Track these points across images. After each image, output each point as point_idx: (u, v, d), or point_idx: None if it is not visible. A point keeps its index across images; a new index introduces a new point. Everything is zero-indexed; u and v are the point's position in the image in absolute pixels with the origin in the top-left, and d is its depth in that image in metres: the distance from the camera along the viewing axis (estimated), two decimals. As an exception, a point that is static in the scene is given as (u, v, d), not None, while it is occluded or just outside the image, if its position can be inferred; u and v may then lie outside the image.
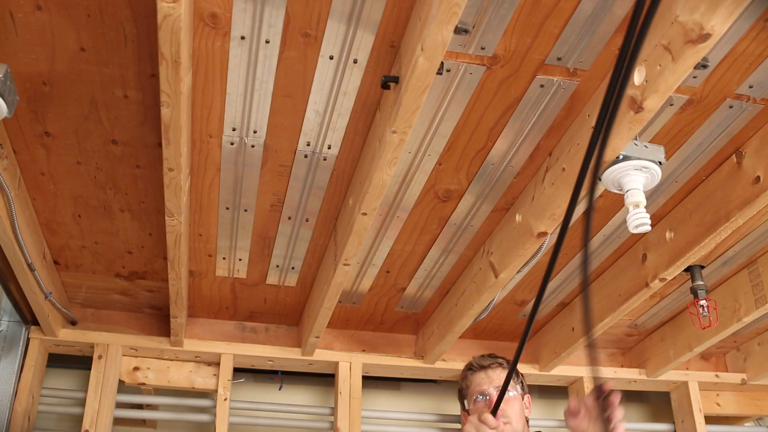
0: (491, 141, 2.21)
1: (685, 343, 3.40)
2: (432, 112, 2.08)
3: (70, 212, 2.57)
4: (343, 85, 1.98)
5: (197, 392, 3.44)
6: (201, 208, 2.52)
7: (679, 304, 3.32)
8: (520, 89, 2.01)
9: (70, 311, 3.18)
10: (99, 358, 3.21)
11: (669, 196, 2.50)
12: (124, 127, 2.14)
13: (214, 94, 2.01)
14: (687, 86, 2.00)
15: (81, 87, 2.00)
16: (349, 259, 2.50)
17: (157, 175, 2.28)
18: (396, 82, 1.82)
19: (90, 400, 3.12)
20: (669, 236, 2.57)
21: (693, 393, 3.75)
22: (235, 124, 2.13)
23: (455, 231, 2.69)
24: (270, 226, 2.65)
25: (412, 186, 2.42)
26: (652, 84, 1.67)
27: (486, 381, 2.41)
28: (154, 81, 1.94)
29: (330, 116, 2.10)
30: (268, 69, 1.93)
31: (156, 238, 2.70)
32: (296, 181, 2.40)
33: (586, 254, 2.39)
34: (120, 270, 2.96)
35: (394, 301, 3.23)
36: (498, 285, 2.68)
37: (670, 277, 2.62)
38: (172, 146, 1.93)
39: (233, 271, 2.95)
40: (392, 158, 1.98)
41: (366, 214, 2.23)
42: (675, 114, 2.10)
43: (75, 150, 2.25)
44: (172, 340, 3.23)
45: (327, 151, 2.24)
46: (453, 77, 1.95)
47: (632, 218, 1.97)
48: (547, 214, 2.23)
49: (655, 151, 2.02)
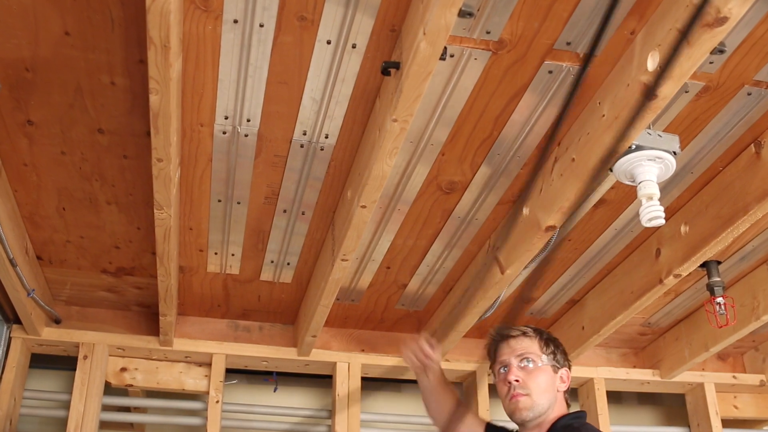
0: (497, 130, 2.22)
1: (701, 343, 3.42)
2: (435, 100, 2.09)
3: (54, 205, 2.58)
4: (341, 71, 1.99)
5: (188, 394, 3.45)
6: (192, 200, 2.53)
7: (694, 301, 3.33)
8: (527, 75, 2.01)
9: (54, 309, 3.19)
10: (84, 358, 3.22)
11: (684, 187, 2.51)
12: (110, 115, 2.15)
13: (205, 80, 2.02)
14: (703, 72, 2.00)
15: (66, 73, 2.00)
16: (348, 254, 2.51)
17: (146, 165, 2.28)
18: (397, 68, 1.83)
19: (75, 403, 3.13)
20: (684, 230, 2.58)
21: (709, 395, 3.76)
22: (227, 113, 2.14)
23: (459, 225, 2.70)
24: (264, 220, 2.66)
25: (414, 177, 2.43)
26: (667, 70, 1.68)
27: (508, 351, 2.41)
28: (143, 67, 1.95)
29: (327, 104, 2.10)
30: (262, 54, 1.94)
31: (144, 232, 2.71)
32: (292, 172, 2.40)
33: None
34: (106, 266, 2.98)
35: (395, 298, 3.24)
36: (504, 281, 2.69)
37: (685, 273, 2.63)
38: (161, 135, 1.94)
39: (225, 266, 2.96)
40: (393, 148, 1.98)
41: (365, 206, 2.24)
42: (690, 101, 2.11)
43: (59, 139, 2.26)
44: (161, 339, 3.24)
45: (324, 140, 2.25)
46: (457, 63, 1.96)
47: (645, 211, 1.98)
48: (555, 207, 2.24)
49: (669, 140, 2.02)
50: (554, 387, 2.35)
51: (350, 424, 3.35)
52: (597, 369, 3.70)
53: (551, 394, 2.36)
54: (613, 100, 1.91)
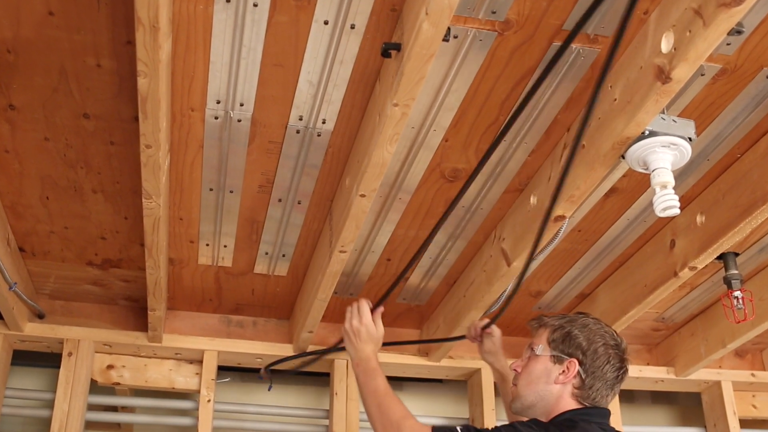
0: (503, 115, 2.23)
1: (718, 339, 3.43)
2: (437, 83, 2.10)
3: (37, 194, 2.59)
4: (339, 53, 1.99)
5: (178, 393, 3.47)
6: (182, 189, 2.54)
7: (711, 295, 3.34)
8: (534, 58, 2.02)
9: (37, 303, 3.20)
10: (69, 355, 3.23)
11: (700, 175, 2.52)
12: (96, 99, 2.16)
13: (196, 63, 2.02)
14: (720, 54, 2.01)
15: (49, 55, 2.01)
16: (346, 245, 2.52)
17: (134, 152, 2.29)
18: (398, 50, 1.83)
19: (59, 402, 3.14)
20: (700, 220, 2.59)
21: (726, 394, 3.78)
22: (219, 97, 2.15)
23: (463, 214, 2.72)
24: (258, 210, 2.67)
25: (416, 165, 2.44)
26: (681, 52, 1.69)
27: (527, 344, 2.43)
28: (130, 49, 1.95)
29: (325, 87, 2.11)
30: (256, 35, 1.94)
31: (132, 223, 2.72)
32: (287, 160, 2.41)
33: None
34: (92, 258, 2.99)
35: (396, 292, 3.25)
36: (511, 274, 2.70)
37: (701, 266, 2.64)
38: (149, 121, 1.95)
39: (217, 258, 2.98)
40: (393, 134, 1.99)
41: (364, 195, 2.25)
42: (706, 85, 2.12)
43: (42, 125, 2.27)
44: (149, 335, 3.25)
45: (321, 126, 2.26)
46: (461, 44, 1.96)
47: (659, 200, 1.98)
48: (565, 195, 2.24)
49: (684, 126, 2.03)
50: (548, 379, 2.29)
51: (349, 424, 3.36)
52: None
53: (540, 386, 2.30)
54: (626, 84, 1.91)
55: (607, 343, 2.28)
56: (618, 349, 2.30)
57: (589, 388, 2.26)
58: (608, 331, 2.32)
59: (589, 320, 2.35)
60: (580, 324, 2.32)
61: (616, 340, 2.31)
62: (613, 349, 2.28)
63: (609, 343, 2.29)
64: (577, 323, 2.32)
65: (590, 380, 2.25)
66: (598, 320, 2.36)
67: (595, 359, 2.26)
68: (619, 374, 2.28)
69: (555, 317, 2.39)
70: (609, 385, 2.27)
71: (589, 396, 2.25)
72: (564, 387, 2.27)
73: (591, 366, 2.26)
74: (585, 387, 2.26)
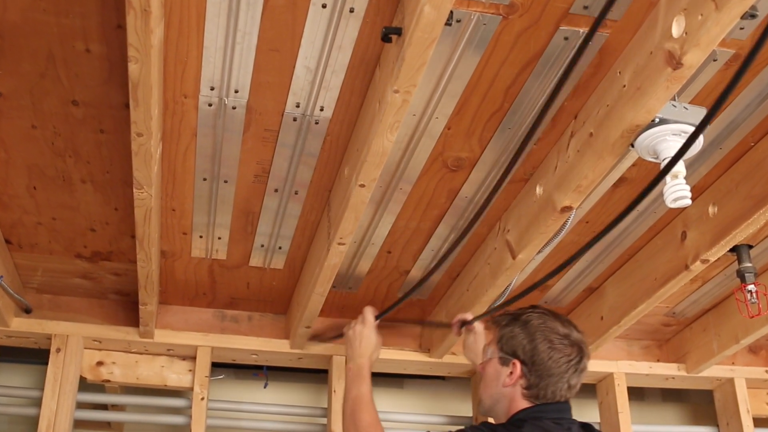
0: (508, 102, 2.23)
1: (731, 335, 3.44)
2: (440, 69, 2.10)
3: (24, 184, 2.59)
4: (337, 37, 2.00)
5: (170, 391, 3.48)
6: (174, 179, 2.54)
7: (723, 289, 3.35)
8: (541, 42, 2.03)
9: (24, 298, 3.21)
10: (57, 351, 3.23)
11: (712, 165, 2.53)
12: (86, 86, 2.16)
13: (189, 48, 2.03)
14: (733, 39, 2.01)
15: (36, 40, 2.01)
16: (345, 237, 2.53)
17: (124, 141, 2.30)
18: (398, 35, 1.84)
19: (47, 400, 3.15)
20: (712, 211, 2.59)
21: (740, 391, 3.79)
22: (213, 83, 2.15)
23: (466, 205, 2.72)
24: (254, 200, 2.68)
25: (417, 154, 2.44)
26: (693, 36, 1.69)
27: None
28: (121, 33, 1.96)
29: (323, 73, 2.12)
30: (251, 19, 1.95)
31: (122, 214, 2.73)
32: (284, 148, 2.42)
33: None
34: (81, 250, 3.00)
35: (397, 285, 3.27)
36: (516, 267, 2.71)
37: (713, 259, 2.65)
38: (141, 108, 1.95)
39: (211, 251, 2.98)
40: (394, 122, 2.00)
41: (364, 185, 2.26)
42: (719, 71, 2.12)
43: (30, 112, 2.27)
44: (141, 330, 3.26)
45: (319, 113, 2.27)
46: (464, 29, 1.97)
47: (670, 191, 1.98)
48: (572, 185, 2.25)
49: (696, 113, 2.02)
50: (498, 382, 2.36)
51: (347, 422, 3.37)
52: (617, 363, 3.73)
53: (494, 390, 2.37)
54: (635, 70, 1.92)
55: (548, 338, 2.34)
56: (567, 339, 2.35)
57: (536, 387, 2.31)
58: (551, 325, 2.37)
59: (533, 315, 2.40)
60: (522, 322, 2.38)
61: (561, 332, 2.36)
62: (560, 342, 2.33)
63: (551, 337, 2.34)
64: (519, 321, 2.39)
65: (535, 379, 2.31)
66: (543, 313, 2.41)
67: (536, 357, 2.32)
68: (571, 364, 2.33)
69: (504, 316, 2.45)
70: (562, 379, 2.32)
71: (539, 394, 2.32)
72: (514, 388, 2.34)
73: (534, 364, 2.32)
74: (533, 386, 2.31)
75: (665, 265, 2.84)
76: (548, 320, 2.38)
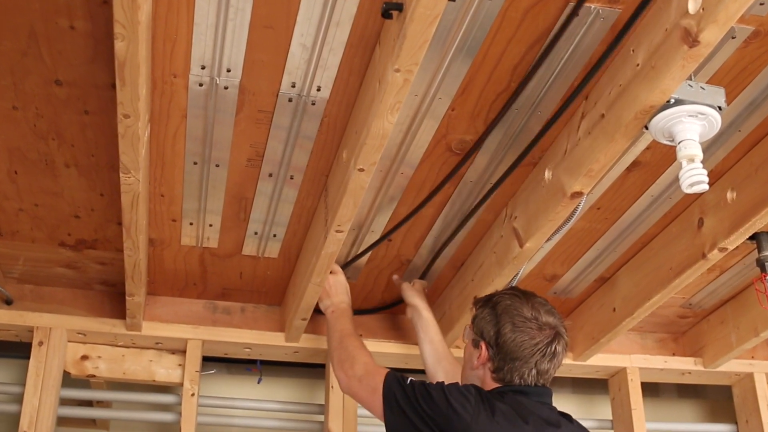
0: (515, 81, 2.24)
1: (750, 327, 3.45)
2: (443, 47, 2.11)
3: (5, 168, 2.60)
4: (335, 13, 2.00)
5: (159, 386, 3.49)
6: (163, 163, 2.55)
7: (742, 279, 3.36)
8: (549, 19, 2.03)
9: (5, 288, 3.22)
10: (39, 344, 3.24)
11: (731, 148, 2.54)
12: (69, 64, 2.17)
13: (179, 24, 2.03)
14: (752, 15, 2.01)
15: (17, 16, 2.01)
16: (343, 224, 2.54)
17: (110, 122, 2.30)
18: (399, 10, 1.84)
19: (28, 396, 3.16)
20: (730, 197, 2.60)
21: (759, 386, 3.81)
22: (204, 62, 2.16)
23: (471, 190, 2.73)
24: (247, 185, 2.69)
25: (419, 136, 2.45)
26: (710, 12, 1.70)
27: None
28: (107, 9, 1.95)
29: (320, 52, 2.12)
30: (244, -6, 1.96)
31: (108, 200, 2.74)
32: (279, 131, 2.43)
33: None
34: (65, 238, 3.00)
35: (399, 274, 3.27)
36: (523, 256, 2.72)
37: (731, 247, 2.66)
38: (128, 88, 1.96)
39: (202, 239, 2.99)
40: (395, 102, 2.01)
41: (363, 170, 2.27)
42: (738, 49, 2.13)
43: (10, 93, 2.27)
44: (128, 323, 3.27)
45: (316, 93, 2.27)
46: (468, 4, 1.97)
47: (686, 175, 1.99)
48: (582, 170, 2.26)
49: (713, 93, 2.03)
50: (471, 363, 2.48)
51: (346, 420, 3.39)
52: (630, 357, 3.74)
53: (468, 372, 2.53)
54: (649, 48, 1.92)
55: (512, 320, 2.41)
56: (534, 322, 2.42)
57: (501, 370, 2.41)
58: (518, 306, 2.43)
59: (504, 297, 2.49)
60: (492, 303, 2.48)
61: (527, 314, 2.42)
62: (524, 325, 2.41)
63: (515, 320, 2.41)
64: (490, 303, 2.49)
65: (500, 362, 2.41)
66: (515, 295, 2.49)
67: (500, 339, 2.41)
68: (537, 348, 2.39)
69: (481, 298, 2.53)
70: (527, 363, 2.39)
71: (505, 377, 2.41)
72: (484, 370, 2.45)
73: (500, 347, 2.41)
74: (498, 369, 2.41)
75: (681, 253, 2.85)
76: (516, 302, 2.46)
